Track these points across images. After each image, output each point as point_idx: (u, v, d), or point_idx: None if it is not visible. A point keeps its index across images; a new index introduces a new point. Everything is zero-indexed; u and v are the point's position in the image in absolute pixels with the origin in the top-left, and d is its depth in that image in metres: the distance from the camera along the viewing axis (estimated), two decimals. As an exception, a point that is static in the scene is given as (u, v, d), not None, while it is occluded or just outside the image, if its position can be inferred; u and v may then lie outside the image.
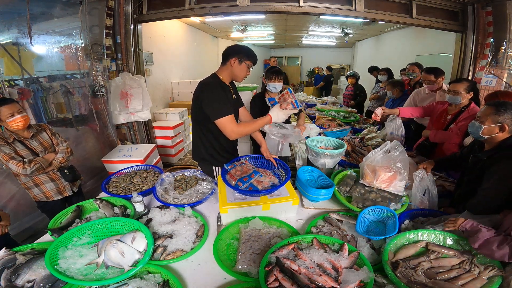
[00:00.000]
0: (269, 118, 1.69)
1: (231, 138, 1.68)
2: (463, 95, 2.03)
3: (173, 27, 5.30)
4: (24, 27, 2.41)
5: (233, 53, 1.67)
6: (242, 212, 1.48)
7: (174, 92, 5.35)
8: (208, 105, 1.63)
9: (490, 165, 1.32)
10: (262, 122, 1.71)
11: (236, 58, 1.66)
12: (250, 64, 1.71)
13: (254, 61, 1.72)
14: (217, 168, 1.92)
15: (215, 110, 1.62)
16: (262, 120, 1.71)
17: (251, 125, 1.73)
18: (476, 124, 1.38)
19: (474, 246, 1.09)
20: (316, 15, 3.76)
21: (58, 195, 1.98)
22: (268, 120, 1.70)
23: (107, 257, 1.11)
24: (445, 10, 3.37)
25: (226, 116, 1.61)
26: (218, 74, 1.75)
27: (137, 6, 3.39)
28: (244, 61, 1.68)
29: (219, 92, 1.66)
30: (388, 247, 1.17)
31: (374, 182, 1.61)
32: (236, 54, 1.67)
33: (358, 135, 2.84)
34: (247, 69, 1.72)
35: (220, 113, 1.61)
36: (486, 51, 3.18)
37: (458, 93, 2.04)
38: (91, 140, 3.28)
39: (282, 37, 8.70)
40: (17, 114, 1.70)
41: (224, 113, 1.61)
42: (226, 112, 1.61)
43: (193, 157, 1.99)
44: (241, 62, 1.67)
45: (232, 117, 1.63)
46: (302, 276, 1.03)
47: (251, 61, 1.70)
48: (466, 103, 2.09)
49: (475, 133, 1.40)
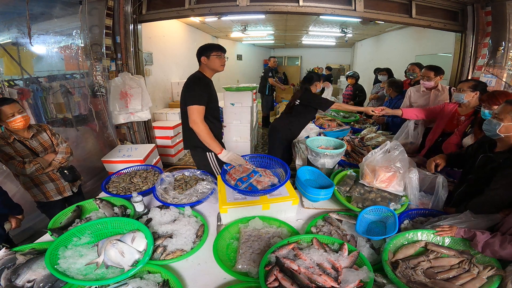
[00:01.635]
0: (219, 150, 1.80)
1: (190, 125, 1.81)
2: (467, 93, 2.04)
3: (173, 27, 5.30)
4: (24, 27, 2.41)
5: (199, 53, 1.91)
6: (242, 212, 1.48)
7: (174, 92, 5.35)
8: (187, 92, 1.84)
9: (506, 167, 1.27)
10: (213, 145, 1.81)
11: (204, 57, 1.88)
12: (216, 53, 1.88)
13: (217, 48, 1.90)
14: (211, 153, 1.99)
15: (190, 96, 1.81)
16: (215, 144, 1.82)
17: (207, 136, 1.81)
18: (494, 122, 1.31)
19: (478, 250, 1.10)
20: (316, 15, 3.76)
21: (58, 195, 1.98)
22: (218, 150, 1.81)
23: (107, 257, 1.12)
24: (445, 10, 3.37)
25: (197, 105, 1.78)
26: (201, 71, 1.96)
27: (137, 6, 3.39)
28: (210, 54, 1.87)
29: (200, 83, 1.86)
30: (387, 247, 1.18)
31: (374, 182, 1.61)
32: (201, 53, 1.89)
33: (358, 135, 2.84)
34: (218, 59, 1.89)
35: (193, 101, 1.78)
36: (484, 50, 3.18)
37: (462, 91, 2.05)
38: (91, 140, 3.28)
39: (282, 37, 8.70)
40: (17, 114, 1.70)
41: (196, 102, 1.78)
42: (199, 101, 1.78)
43: (184, 147, 2.08)
44: (209, 56, 1.87)
45: (201, 109, 1.79)
46: (302, 276, 1.04)
47: (215, 51, 1.88)
48: (474, 103, 2.07)
49: (491, 131, 1.34)
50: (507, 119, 1.28)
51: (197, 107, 1.78)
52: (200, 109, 1.79)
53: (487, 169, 1.37)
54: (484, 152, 1.44)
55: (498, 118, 1.31)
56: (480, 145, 1.52)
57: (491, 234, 1.09)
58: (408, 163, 1.63)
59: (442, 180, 1.55)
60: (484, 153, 1.43)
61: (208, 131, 1.83)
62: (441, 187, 1.55)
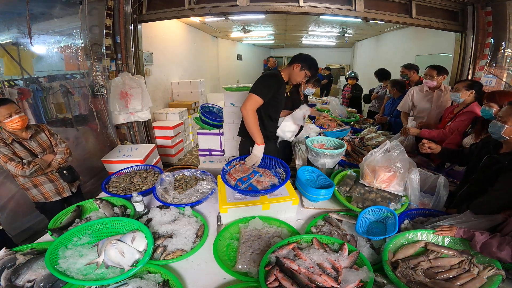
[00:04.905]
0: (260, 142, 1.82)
1: (241, 109, 1.84)
2: (462, 92, 2.09)
3: (173, 27, 5.30)
4: (24, 27, 2.41)
5: (297, 60, 1.90)
6: (242, 212, 1.48)
7: (174, 92, 5.35)
8: (257, 81, 1.88)
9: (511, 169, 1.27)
10: (256, 134, 1.83)
11: (298, 65, 1.89)
12: (306, 76, 1.93)
13: (312, 73, 1.94)
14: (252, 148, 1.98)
15: (255, 86, 1.85)
16: (257, 134, 1.83)
17: (253, 124, 1.83)
18: (498, 124, 1.32)
19: (476, 250, 1.10)
20: (316, 15, 3.76)
21: (57, 196, 1.98)
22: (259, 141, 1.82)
23: (107, 257, 1.12)
24: (445, 10, 3.37)
25: (257, 95, 1.79)
26: (281, 71, 1.99)
27: (137, 6, 3.39)
28: (304, 70, 1.89)
29: (270, 79, 1.88)
30: (387, 247, 1.18)
31: (374, 182, 1.61)
32: (300, 61, 1.89)
33: (358, 135, 2.84)
34: (303, 77, 1.93)
35: (255, 90, 1.81)
36: (486, 51, 3.18)
37: (457, 90, 2.12)
38: (91, 140, 3.28)
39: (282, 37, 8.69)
40: (14, 114, 1.69)
41: (258, 92, 1.79)
42: (260, 93, 1.79)
43: (238, 133, 2.15)
44: (301, 69, 1.89)
45: (258, 100, 1.80)
46: (302, 276, 1.04)
47: (311, 73, 1.93)
48: (468, 101, 2.11)
49: (496, 133, 1.35)
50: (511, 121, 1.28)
51: (255, 97, 1.79)
52: (257, 99, 1.80)
53: (491, 170, 1.36)
54: (488, 152, 1.44)
55: (502, 121, 1.31)
56: (484, 145, 1.51)
57: (490, 235, 1.09)
58: (408, 163, 1.63)
59: (443, 180, 1.55)
60: (488, 153, 1.43)
61: (256, 121, 1.84)
62: (442, 187, 1.55)
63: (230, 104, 3.03)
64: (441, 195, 1.55)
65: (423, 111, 2.71)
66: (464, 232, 1.17)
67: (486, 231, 1.13)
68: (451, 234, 1.20)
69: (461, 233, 1.18)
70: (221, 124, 3.32)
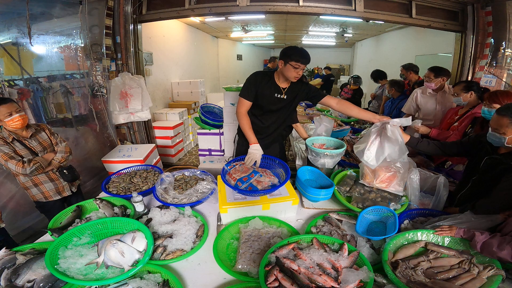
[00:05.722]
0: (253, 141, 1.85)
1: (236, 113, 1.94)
2: (462, 94, 2.11)
3: (173, 27, 5.31)
4: (24, 27, 2.41)
5: (280, 56, 1.78)
6: (242, 212, 1.48)
7: (174, 92, 5.36)
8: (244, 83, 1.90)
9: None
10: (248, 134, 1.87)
11: (282, 61, 1.74)
12: (295, 64, 1.68)
13: (298, 57, 1.67)
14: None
15: (242, 88, 1.89)
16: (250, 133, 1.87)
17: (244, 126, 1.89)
18: (497, 136, 1.32)
19: (477, 250, 1.10)
20: (316, 15, 3.75)
21: (57, 195, 1.98)
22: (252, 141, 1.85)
23: (107, 257, 1.11)
24: (445, 10, 3.37)
25: (242, 97, 1.86)
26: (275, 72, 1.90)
27: (137, 6, 3.39)
28: (289, 61, 1.69)
29: (249, 79, 1.87)
30: (387, 247, 1.18)
31: (374, 182, 1.61)
32: (281, 56, 1.77)
33: (358, 135, 2.84)
34: (293, 69, 1.70)
35: (241, 93, 1.87)
36: (486, 51, 3.18)
37: (457, 95, 2.14)
38: (91, 140, 3.28)
39: (282, 37, 8.70)
40: (15, 113, 1.70)
41: (242, 94, 1.86)
42: (243, 95, 1.85)
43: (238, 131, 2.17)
44: (286, 63, 1.71)
45: (244, 102, 1.86)
46: (302, 276, 1.03)
47: (295, 60, 1.67)
48: (473, 102, 2.11)
49: (499, 144, 1.34)
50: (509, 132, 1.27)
51: (241, 99, 1.87)
52: (243, 101, 1.86)
53: (494, 171, 1.36)
54: (487, 153, 1.43)
55: (501, 133, 1.30)
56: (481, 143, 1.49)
57: (490, 235, 1.09)
58: (408, 163, 1.63)
59: (443, 180, 1.55)
60: (487, 154, 1.42)
61: (246, 122, 1.89)
62: (442, 187, 1.55)
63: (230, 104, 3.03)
64: (441, 195, 1.55)
65: (428, 114, 2.71)
66: (464, 232, 1.17)
67: (486, 231, 1.13)
68: (451, 234, 1.20)
69: (461, 233, 1.18)
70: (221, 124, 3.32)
